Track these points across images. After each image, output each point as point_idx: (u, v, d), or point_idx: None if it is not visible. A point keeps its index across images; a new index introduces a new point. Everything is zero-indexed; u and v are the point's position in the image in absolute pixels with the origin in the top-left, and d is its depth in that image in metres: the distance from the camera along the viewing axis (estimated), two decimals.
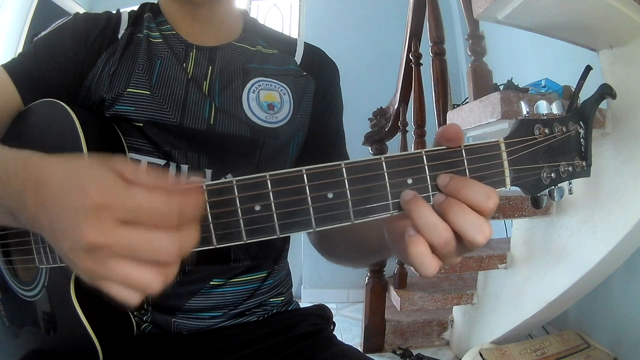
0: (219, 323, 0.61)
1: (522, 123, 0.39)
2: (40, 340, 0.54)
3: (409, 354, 1.76)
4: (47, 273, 0.51)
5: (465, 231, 0.34)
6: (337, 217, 0.36)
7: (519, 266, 1.49)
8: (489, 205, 0.35)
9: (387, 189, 0.36)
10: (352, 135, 0.93)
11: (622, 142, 1.12)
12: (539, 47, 1.92)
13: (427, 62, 1.73)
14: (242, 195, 0.36)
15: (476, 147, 0.37)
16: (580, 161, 0.40)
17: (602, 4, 0.98)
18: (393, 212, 0.37)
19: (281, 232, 0.36)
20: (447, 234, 0.34)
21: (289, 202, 0.36)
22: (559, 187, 0.40)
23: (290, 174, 0.36)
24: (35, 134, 0.54)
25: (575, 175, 0.40)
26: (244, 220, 0.36)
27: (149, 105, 0.57)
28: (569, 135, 0.39)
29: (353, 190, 0.36)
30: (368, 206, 0.36)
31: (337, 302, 2.62)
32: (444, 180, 0.36)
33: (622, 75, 1.13)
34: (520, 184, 0.39)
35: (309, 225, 0.36)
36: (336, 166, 0.36)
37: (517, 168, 0.38)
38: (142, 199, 0.29)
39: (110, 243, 0.29)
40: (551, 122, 0.39)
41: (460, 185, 0.35)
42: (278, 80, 0.64)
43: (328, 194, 0.36)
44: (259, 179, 0.36)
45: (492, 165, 0.37)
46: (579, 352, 1.36)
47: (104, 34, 0.59)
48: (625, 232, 1.10)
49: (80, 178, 0.31)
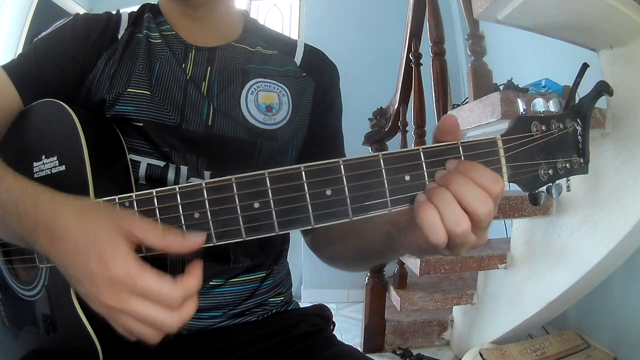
0: (218, 323, 0.60)
1: (519, 120, 0.39)
2: (40, 340, 0.54)
3: (409, 354, 1.76)
4: (47, 273, 0.51)
5: (468, 201, 0.35)
6: (336, 214, 0.37)
7: (519, 266, 1.49)
8: (495, 189, 0.35)
9: (385, 186, 0.37)
10: (352, 135, 0.93)
11: (622, 142, 1.12)
12: (539, 47, 1.92)
13: (427, 62, 1.73)
14: (241, 193, 0.36)
15: (473, 143, 0.38)
16: (577, 158, 0.40)
17: (602, 4, 0.98)
18: (391, 208, 0.37)
19: (280, 229, 0.37)
20: (455, 204, 0.35)
21: (287, 199, 0.36)
22: (556, 184, 0.40)
23: (289, 172, 0.36)
24: (35, 134, 0.54)
25: (573, 172, 0.40)
26: (243, 218, 0.37)
27: (149, 105, 0.57)
28: (566, 132, 0.40)
29: (351, 187, 0.36)
30: (366, 203, 0.37)
31: (337, 302, 2.62)
32: (452, 163, 0.36)
33: (622, 75, 1.13)
34: (518, 181, 0.39)
35: (307, 222, 0.36)
36: (334, 163, 0.36)
37: (514, 165, 0.38)
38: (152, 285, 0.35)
39: (123, 308, 0.35)
40: (548, 119, 0.39)
41: (469, 166, 0.36)
42: (277, 81, 0.64)
43: (326, 191, 0.36)
44: (258, 177, 0.36)
45: (489, 161, 0.38)
46: (579, 352, 1.36)
47: (104, 35, 0.59)
48: (625, 232, 1.10)
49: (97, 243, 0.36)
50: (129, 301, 0.35)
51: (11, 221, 0.41)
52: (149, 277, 0.35)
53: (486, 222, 0.36)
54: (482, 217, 0.35)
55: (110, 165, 0.52)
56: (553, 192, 0.40)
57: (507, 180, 0.38)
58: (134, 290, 0.35)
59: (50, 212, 0.39)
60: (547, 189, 0.40)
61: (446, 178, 0.36)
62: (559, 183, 0.40)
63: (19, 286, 0.56)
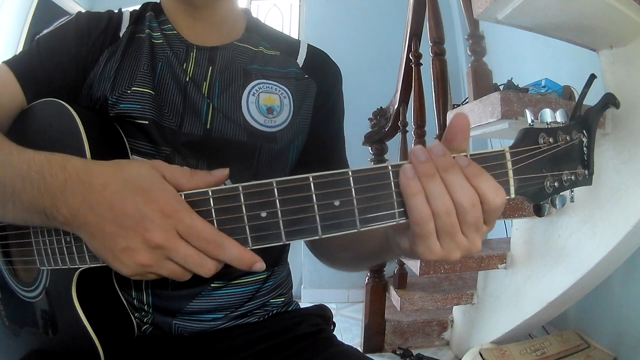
0: (220, 325, 0.60)
1: (527, 132, 0.39)
2: (41, 341, 0.54)
3: (409, 354, 1.77)
4: (48, 275, 0.51)
5: (455, 190, 0.35)
6: (343, 225, 0.36)
7: (519, 266, 1.49)
8: (496, 201, 0.35)
9: (394, 197, 0.37)
10: (352, 135, 0.93)
11: (622, 142, 1.12)
12: (539, 47, 1.92)
13: (427, 62, 1.73)
14: (249, 203, 0.36)
15: (482, 156, 0.37)
16: (582, 170, 0.40)
17: (602, 4, 0.98)
18: (399, 219, 0.37)
19: (287, 239, 0.37)
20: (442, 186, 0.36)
21: (295, 210, 0.36)
22: (561, 195, 0.40)
23: (297, 182, 0.36)
24: (37, 135, 0.54)
25: (578, 184, 0.40)
26: (249, 227, 0.37)
27: (153, 104, 0.57)
28: (572, 144, 0.40)
29: (360, 199, 0.36)
30: (374, 214, 0.37)
31: (337, 302, 2.62)
32: (464, 161, 0.36)
33: (622, 75, 1.13)
34: (524, 193, 0.39)
35: (315, 232, 0.36)
36: (343, 174, 0.36)
37: (521, 177, 0.38)
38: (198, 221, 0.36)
39: (171, 248, 0.36)
40: (555, 131, 0.39)
41: (477, 171, 0.36)
42: (279, 83, 0.64)
43: (335, 202, 0.36)
44: (266, 186, 0.36)
45: (497, 174, 0.37)
46: (579, 352, 1.36)
47: (106, 33, 0.59)
48: (625, 232, 1.10)
49: (143, 185, 0.37)
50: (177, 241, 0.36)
51: (31, 190, 0.40)
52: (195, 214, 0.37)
53: (471, 216, 0.36)
54: (467, 208, 0.35)
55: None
56: (557, 203, 0.40)
57: (514, 194, 0.38)
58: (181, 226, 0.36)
59: (84, 168, 0.39)
60: (552, 200, 0.40)
61: (442, 165, 0.36)
62: (563, 194, 0.40)
63: (20, 287, 0.56)
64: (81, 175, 0.38)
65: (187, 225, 0.36)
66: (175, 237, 0.36)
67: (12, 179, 0.41)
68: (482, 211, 0.36)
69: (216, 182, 0.39)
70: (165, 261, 0.37)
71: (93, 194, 0.37)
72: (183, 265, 0.37)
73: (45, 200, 0.39)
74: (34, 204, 0.40)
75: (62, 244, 0.45)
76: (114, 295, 0.53)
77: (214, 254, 0.37)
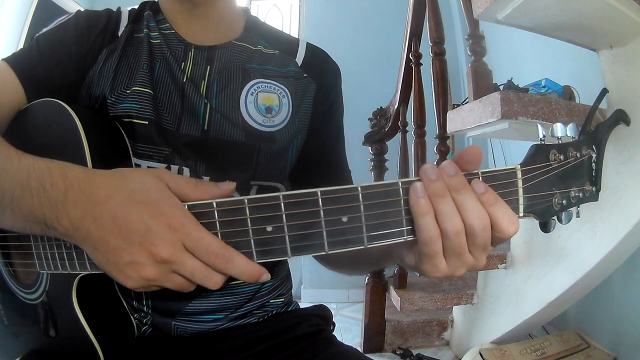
0: (219, 325, 0.60)
1: (539, 149, 0.38)
2: (41, 341, 0.54)
3: (409, 354, 1.76)
4: (48, 277, 0.51)
5: (466, 210, 0.35)
6: (351, 242, 0.36)
7: (519, 266, 1.49)
8: (509, 230, 0.35)
9: (402, 215, 0.36)
10: (352, 135, 0.93)
11: (622, 142, 1.12)
12: (539, 47, 1.92)
13: (427, 62, 1.73)
14: (254, 216, 0.35)
15: (493, 174, 0.37)
16: (590, 186, 0.40)
17: (602, 4, 0.98)
18: (407, 237, 0.36)
19: (292, 254, 0.36)
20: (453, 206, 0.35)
21: (302, 225, 0.35)
22: (567, 210, 0.40)
23: (305, 196, 0.35)
24: (35, 136, 0.53)
25: (584, 200, 0.40)
26: (255, 241, 0.36)
27: (153, 104, 0.57)
28: (582, 160, 0.39)
29: (368, 215, 0.35)
30: (382, 232, 0.36)
31: (337, 302, 2.62)
32: (480, 188, 0.36)
33: (622, 75, 1.13)
34: (532, 211, 0.38)
35: (321, 248, 0.35)
36: (352, 190, 0.35)
37: (531, 195, 0.38)
38: (205, 234, 0.35)
39: (178, 262, 0.35)
40: (566, 147, 0.39)
41: (493, 199, 0.35)
42: (278, 82, 0.63)
43: (342, 218, 0.35)
44: (273, 200, 0.35)
45: (507, 192, 0.37)
46: (579, 352, 1.36)
47: (105, 32, 0.59)
48: (625, 232, 1.10)
49: (149, 196, 0.36)
50: (183, 255, 0.35)
51: (31, 199, 0.39)
52: (202, 228, 0.36)
53: (481, 239, 0.35)
54: (477, 230, 0.35)
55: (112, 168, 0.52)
56: (563, 219, 0.40)
57: (523, 212, 0.38)
58: (187, 240, 0.35)
59: (86, 179, 0.38)
60: (558, 217, 0.40)
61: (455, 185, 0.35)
62: (570, 210, 0.40)
63: (20, 289, 0.56)
64: (83, 186, 0.37)
65: (194, 239, 0.35)
66: (182, 251, 0.35)
67: (11, 186, 0.40)
68: (491, 235, 0.36)
69: (222, 194, 0.38)
70: (171, 274, 0.36)
71: (96, 206, 0.36)
72: (190, 278, 0.36)
73: (45, 210, 0.38)
74: (33, 213, 0.39)
75: (62, 250, 0.45)
76: (114, 297, 0.53)
77: (221, 268, 0.36)
